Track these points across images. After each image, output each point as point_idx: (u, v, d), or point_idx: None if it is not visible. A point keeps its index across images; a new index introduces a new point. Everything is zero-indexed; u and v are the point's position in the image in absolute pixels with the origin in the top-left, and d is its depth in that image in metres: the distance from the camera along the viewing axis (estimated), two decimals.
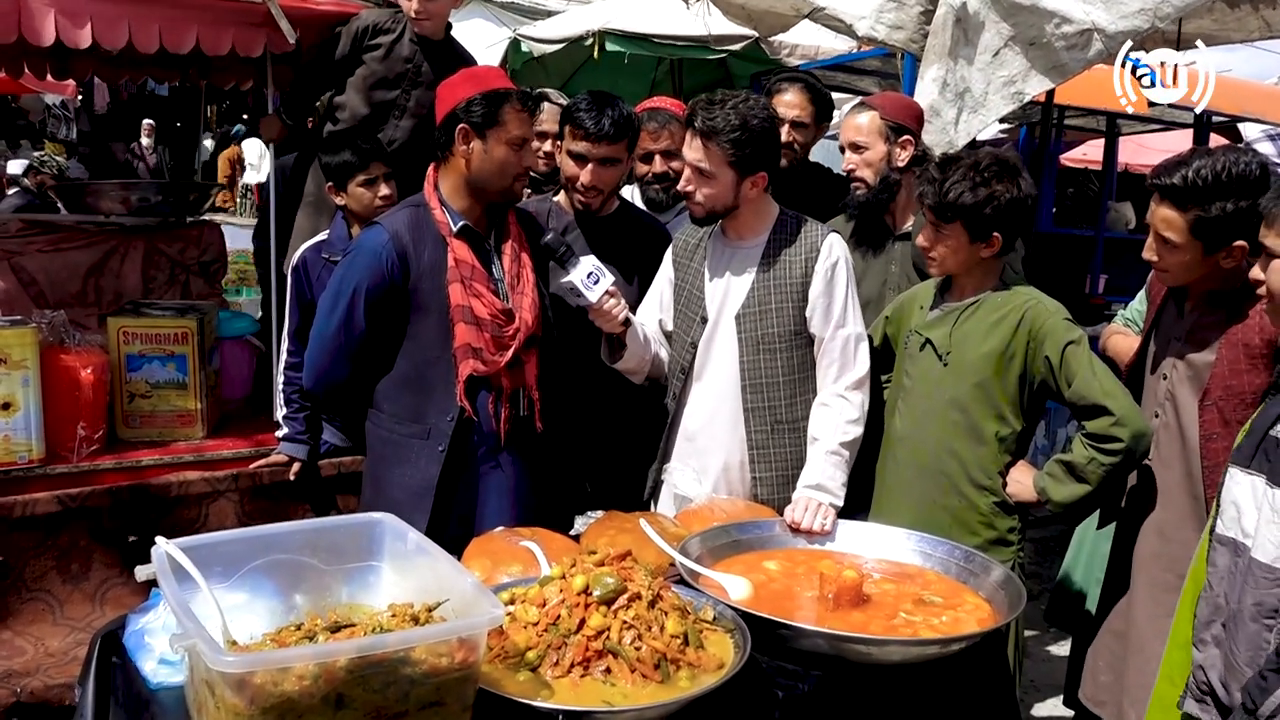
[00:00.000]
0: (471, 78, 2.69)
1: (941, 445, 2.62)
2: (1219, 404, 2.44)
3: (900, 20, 3.73)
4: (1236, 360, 2.43)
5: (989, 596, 2.21)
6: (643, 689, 1.70)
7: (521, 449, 2.73)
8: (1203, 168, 2.34)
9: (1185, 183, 2.36)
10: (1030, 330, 2.53)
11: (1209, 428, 2.46)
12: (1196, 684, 2.00)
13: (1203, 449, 2.47)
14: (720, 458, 2.76)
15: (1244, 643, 1.87)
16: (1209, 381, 2.46)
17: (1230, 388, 2.43)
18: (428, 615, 1.63)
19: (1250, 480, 1.92)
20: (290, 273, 3.28)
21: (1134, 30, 3.61)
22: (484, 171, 2.63)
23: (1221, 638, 1.94)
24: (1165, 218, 2.42)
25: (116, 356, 3.37)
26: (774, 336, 2.69)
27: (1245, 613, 1.87)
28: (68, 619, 2.85)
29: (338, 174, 3.30)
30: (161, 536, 1.74)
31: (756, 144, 2.62)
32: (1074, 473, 2.49)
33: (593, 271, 2.59)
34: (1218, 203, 2.33)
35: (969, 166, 2.54)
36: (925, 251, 2.65)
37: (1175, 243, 2.42)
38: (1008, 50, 3.71)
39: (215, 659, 1.38)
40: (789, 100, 3.62)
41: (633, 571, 1.87)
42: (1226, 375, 2.44)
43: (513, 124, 2.61)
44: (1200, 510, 2.48)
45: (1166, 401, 2.57)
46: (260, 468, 3.22)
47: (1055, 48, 3.66)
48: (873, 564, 2.39)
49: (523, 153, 2.65)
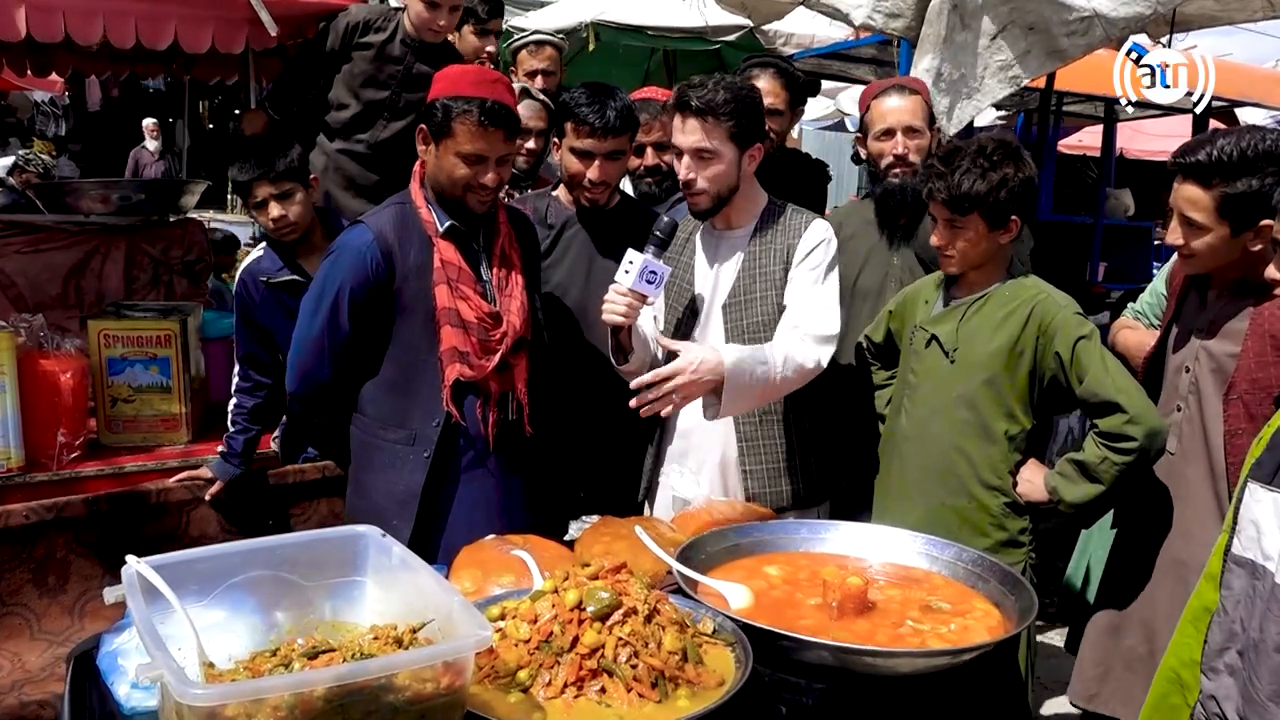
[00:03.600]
0: (445, 78, 2.54)
1: (949, 444, 2.55)
2: (1244, 398, 2.36)
3: (897, 8, 3.71)
4: (1263, 352, 2.35)
5: (998, 602, 2.12)
6: (640, 709, 1.61)
7: (510, 454, 2.64)
8: (1227, 144, 2.27)
9: (1210, 159, 2.28)
10: (1040, 325, 2.45)
11: (1234, 423, 2.38)
12: (1207, 715, 1.90)
13: (1227, 445, 2.39)
14: (716, 453, 2.71)
15: (1266, 675, 1.76)
16: (1234, 375, 2.38)
17: (1257, 381, 2.35)
18: (411, 637, 1.55)
19: (1272, 498, 1.81)
20: (235, 297, 3.17)
21: (1137, 16, 3.58)
22: (435, 177, 2.53)
23: (1238, 667, 1.84)
24: (1190, 196, 2.33)
25: (98, 360, 3.29)
26: (759, 325, 2.63)
27: (1269, 643, 1.76)
28: (45, 633, 2.77)
29: (241, 191, 3.13)
30: (132, 555, 1.66)
31: (750, 114, 2.58)
32: (1086, 472, 2.41)
33: (657, 270, 2.49)
34: (1244, 179, 2.25)
35: (974, 154, 2.46)
36: (942, 250, 2.56)
37: (1201, 223, 2.33)
38: (1005, 34, 3.66)
39: (184, 692, 1.30)
40: (761, 87, 3.52)
41: (628, 584, 1.79)
42: (1253, 368, 2.35)
43: (463, 138, 2.44)
44: (1223, 509, 2.39)
45: (1190, 395, 2.48)
46: (182, 480, 3.06)
47: (1055, 33, 3.62)
48: (877, 568, 2.30)
49: (477, 168, 2.47)
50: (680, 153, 2.59)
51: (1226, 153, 2.26)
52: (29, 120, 15.10)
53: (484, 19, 4.01)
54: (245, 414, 3.05)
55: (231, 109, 17.73)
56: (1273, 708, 1.74)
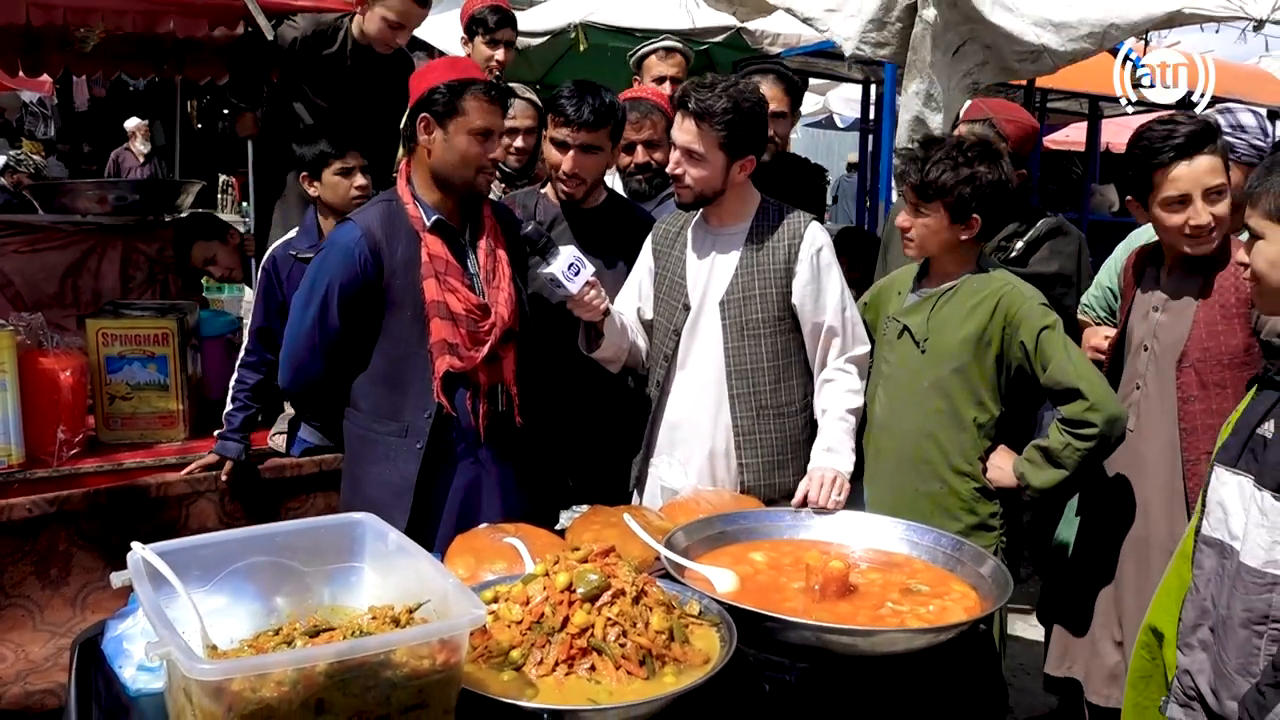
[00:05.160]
0: (438, 67, 2.65)
1: (922, 431, 2.62)
2: (1196, 366, 2.49)
3: (883, 37, 3.91)
4: (1213, 322, 2.47)
5: (975, 584, 2.20)
6: (628, 686, 1.68)
7: (501, 445, 2.71)
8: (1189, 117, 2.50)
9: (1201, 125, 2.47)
10: (1006, 316, 2.53)
11: (1186, 390, 2.51)
12: (1183, 689, 1.97)
13: (1180, 412, 2.52)
14: (705, 445, 2.76)
15: (1234, 650, 1.83)
16: (1186, 344, 2.51)
17: (1208, 349, 2.48)
18: (408, 617, 1.61)
19: (1237, 480, 1.87)
20: (259, 271, 3.26)
21: (1083, 50, 3.88)
22: (445, 162, 2.59)
23: (1209, 642, 1.91)
24: (1210, 165, 2.46)
25: (96, 358, 3.33)
26: (758, 322, 2.69)
27: (1235, 619, 1.83)
28: (48, 624, 2.82)
29: (314, 164, 3.29)
30: (137, 542, 1.72)
31: (747, 127, 2.62)
32: (1051, 458, 2.49)
33: (574, 263, 2.57)
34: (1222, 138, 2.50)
35: (951, 147, 2.53)
36: (904, 232, 2.65)
37: (1224, 186, 2.46)
38: (966, 48, 3.92)
39: (191, 667, 1.36)
40: (766, 93, 3.58)
41: (616, 567, 1.86)
42: (1204, 337, 2.48)
43: (475, 113, 2.56)
44: (1179, 479, 2.53)
45: (1148, 371, 2.60)
46: (192, 471, 3.13)
47: (1007, 58, 3.91)
48: (859, 553, 2.37)
49: (487, 144, 2.59)
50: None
51: (1203, 118, 2.48)
52: (18, 121, 15.04)
53: (493, 29, 4.06)
54: (246, 390, 3.10)
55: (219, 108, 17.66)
56: (1240, 680, 1.81)
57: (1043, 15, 3.81)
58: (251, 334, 3.15)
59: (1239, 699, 1.79)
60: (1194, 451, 2.53)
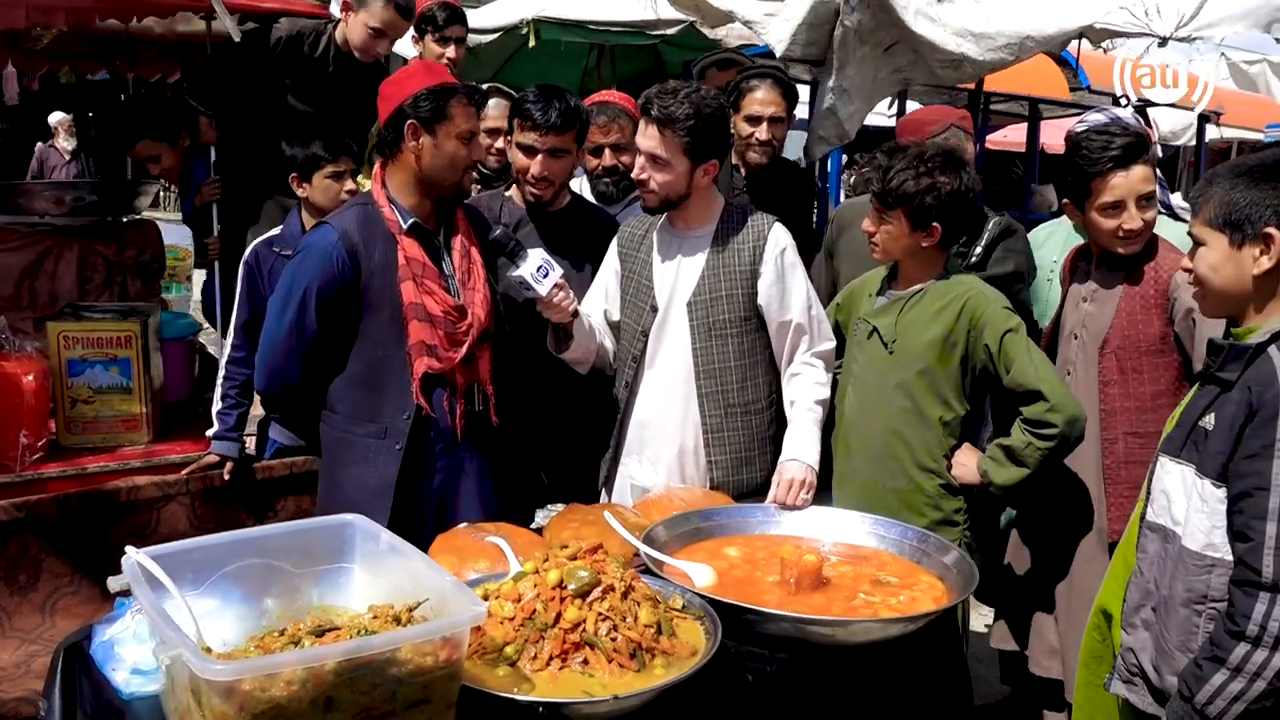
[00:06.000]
0: (417, 73, 2.69)
1: (889, 430, 2.70)
2: (1117, 352, 2.71)
3: (810, 38, 4.15)
4: (1133, 311, 2.69)
5: (941, 575, 2.29)
6: (620, 678, 1.74)
7: (478, 444, 2.75)
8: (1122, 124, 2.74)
9: (1135, 136, 2.67)
10: (971, 319, 2.62)
11: (1107, 374, 2.72)
12: (1126, 666, 2.08)
13: (1101, 395, 2.71)
14: (674, 444, 2.81)
15: (1175, 628, 1.95)
16: (1108, 332, 2.72)
17: (1127, 337, 2.69)
18: (409, 615, 1.65)
19: (1180, 470, 1.98)
20: (241, 266, 3.25)
21: (1000, 61, 4.17)
22: (435, 167, 2.63)
23: (1152, 621, 2.02)
24: (1144, 175, 2.68)
25: (57, 362, 3.29)
26: (725, 322, 2.76)
27: (1176, 598, 1.95)
28: (17, 631, 2.79)
29: (305, 165, 3.29)
30: (131, 547, 1.74)
31: (710, 132, 2.68)
32: (1013, 456, 2.59)
33: (542, 265, 2.62)
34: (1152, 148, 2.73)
35: (915, 157, 2.62)
36: (869, 236, 2.73)
37: (1154, 194, 2.68)
38: (896, 48, 4.19)
39: (204, 667, 1.39)
40: (762, 97, 3.67)
41: (605, 564, 1.92)
42: (1124, 325, 2.70)
43: (460, 118, 2.63)
44: (1099, 457, 2.73)
45: (1077, 358, 2.78)
46: (193, 472, 3.12)
47: (931, 65, 4.18)
48: (830, 547, 2.46)
49: (471, 146, 2.67)
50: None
51: (1134, 129, 2.68)
52: None
53: (442, 26, 4.08)
54: (236, 387, 3.09)
55: None
56: (1180, 656, 1.93)
57: (963, 26, 4.07)
58: (237, 330, 3.14)
59: (1178, 673, 1.90)
60: (1112, 431, 2.72)
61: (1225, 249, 1.92)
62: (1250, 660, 1.77)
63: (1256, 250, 1.89)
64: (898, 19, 3.98)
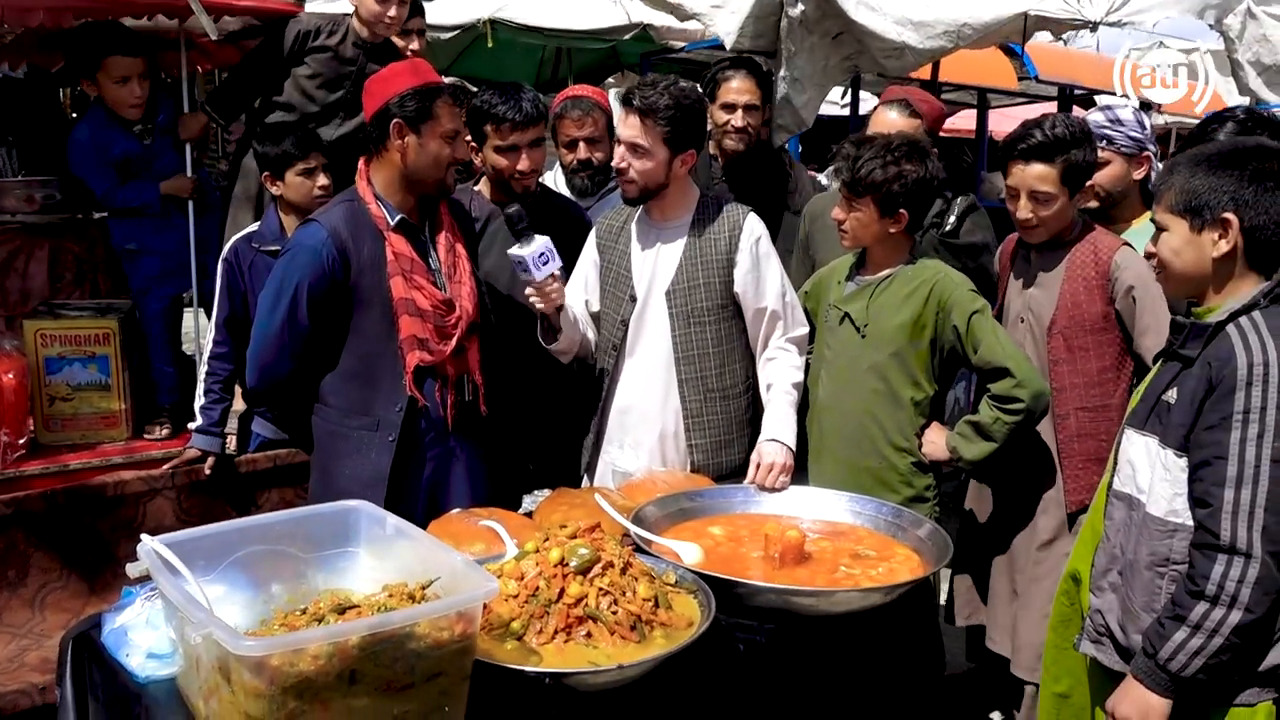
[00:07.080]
0: (402, 73, 2.73)
1: (862, 411, 2.81)
2: (1063, 332, 2.84)
3: (758, 30, 4.29)
4: (1076, 292, 2.82)
5: (917, 547, 2.41)
6: (623, 649, 1.83)
7: (468, 433, 2.82)
8: (1057, 126, 2.76)
9: (1050, 138, 2.75)
10: (939, 301, 2.73)
11: (1055, 353, 2.85)
12: (1094, 627, 2.20)
13: (1051, 373, 2.83)
14: (655, 429, 2.90)
15: (1139, 590, 2.07)
16: (1054, 313, 2.84)
17: (1072, 317, 2.82)
18: (423, 593, 1.72)
19: (1144, 441, 2.10)
20: (220, 263, 3.28)
21: (940, 49, 4.30)
22: (419, 165, 2.69)
23: (1118, 584, 2.14)
24: (1039, 174, 2.77)
25: (35, 360, 3.31)
26: (703, 310, 2.85)
27: (1140, 562, 2.07)
28: (8, 626, 2.81)
29: (276, 163, 3.34)
30: (146, 535, 1.79)
31: (688, 122, 2.77)
32: (981, 432, 2.71)
33: (544, 252, 2.68)
34: (1075, 151, 2.75)
35: (882, 146, 2.72)
36: (839, 224, 2.84)
37: (1050, 194, 2.77)
38: (843, 37, 4.32)
39: (236, 644, 1.46)
40: (738, 86, 3.75)
41: (604, 541, 2.00)
42: (1068, 306, 2.83)
43: (445, 117, 2.68)
44: (1053, 433, 2.85)
45: (1025, 340, 2.89)
46: (175, 467, 3.15)
47: (875, 54, 4.32)
48: (809, 523, 2.56)
49: (455, 145, 2.72)
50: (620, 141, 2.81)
51: (1058, 133, 2.75)
52: None
53: None
54: (219, 382, 3.14)
55: None
56: (1144, 616, 2.05)
57: (903, 14, 4.18)
58: (219, 325, 3.18)
59: (1143, 632, 2.03)
60: (1063, 408, 2.84)
61: (1186, 234, 2.03)
62: (1209, 618, 1.90)
63: (1215, 234, 2.00)
64: (839, 9, 4.10)
